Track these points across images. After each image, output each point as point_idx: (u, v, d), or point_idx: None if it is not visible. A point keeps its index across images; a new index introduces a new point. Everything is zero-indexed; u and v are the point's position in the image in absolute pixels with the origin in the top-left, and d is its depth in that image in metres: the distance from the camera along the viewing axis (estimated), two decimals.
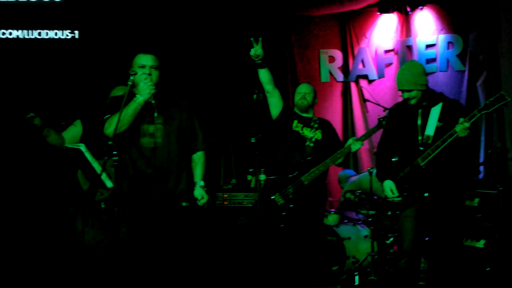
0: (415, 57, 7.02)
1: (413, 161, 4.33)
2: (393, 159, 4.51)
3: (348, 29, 7.56)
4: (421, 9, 7.08)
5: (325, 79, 7.61)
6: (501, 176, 6.00)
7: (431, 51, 7.04)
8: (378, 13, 7.29)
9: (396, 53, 7.29)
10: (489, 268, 5.20)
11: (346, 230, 6.10)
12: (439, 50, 6.99)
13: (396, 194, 4.39)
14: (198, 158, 4.30)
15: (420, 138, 4.35)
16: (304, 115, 5.22)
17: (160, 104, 4.09)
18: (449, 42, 6.96)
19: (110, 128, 3.87)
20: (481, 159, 6.41)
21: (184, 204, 4.13)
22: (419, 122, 4.39)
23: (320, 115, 5.76)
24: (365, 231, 6.18)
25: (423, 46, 7.08)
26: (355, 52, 7.50)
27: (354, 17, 7.53)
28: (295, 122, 5.18)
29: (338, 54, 7.60)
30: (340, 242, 5.89)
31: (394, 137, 4.54)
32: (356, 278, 5.82)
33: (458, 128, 4.10)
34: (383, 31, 7.35)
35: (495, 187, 5.31)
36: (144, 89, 3.89)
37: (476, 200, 5.45)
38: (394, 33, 7.30)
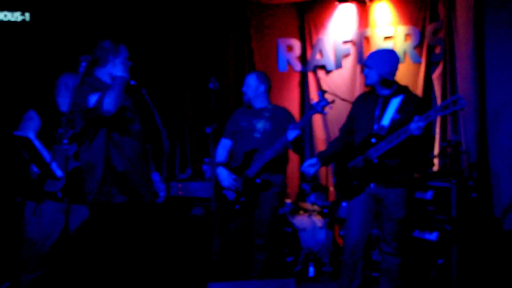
0: (373, 48, 7.00)
1: (365, 151, 4.34)
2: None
3: (307, 19, 7.51)
4: None
5: (283, 69, 7.56)
6: (454, 169, 6.06)
7: (388, 42, 7.04)
8: (337, 2, 7.25)
9: (354, 44, 7.27)
10: (441, 261, 5.25)
11: (301, 221, 6.09)
12: (397, 42, 7.00)
13: None
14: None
15: (375, 127, 4.35)
16: (256, 106, 5.08)
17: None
18: (406, 34, 6.97)
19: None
20: (436, 151, 6.46)
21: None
22: (377, 111, 4.39)
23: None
24: (320, 222, 6.18)
25: (381, 38, 7.07)
26: (314, 42, 7.45)
27: (312, 7, 7.47)
28: (243, 116, 5.06)
29: (296, 44, 7.55)
30: (295, 233, 5.87)
31: (353, 125, 4.55)
32: (311, 269, 5.83)
33: (412, 126, 4.09)
34: (342, 22, 7.31)
35: (449, 180, 5.34)
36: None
37: (429, 193, 5.48)
38: (352, 23, 7.26)
